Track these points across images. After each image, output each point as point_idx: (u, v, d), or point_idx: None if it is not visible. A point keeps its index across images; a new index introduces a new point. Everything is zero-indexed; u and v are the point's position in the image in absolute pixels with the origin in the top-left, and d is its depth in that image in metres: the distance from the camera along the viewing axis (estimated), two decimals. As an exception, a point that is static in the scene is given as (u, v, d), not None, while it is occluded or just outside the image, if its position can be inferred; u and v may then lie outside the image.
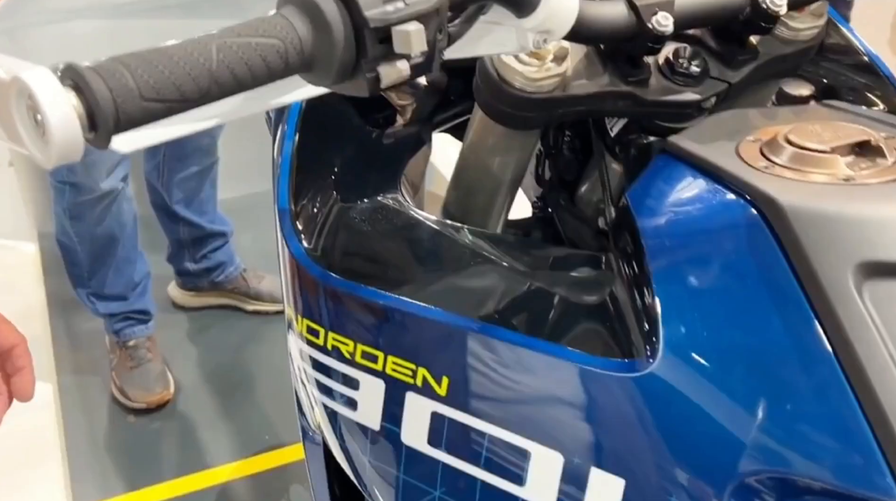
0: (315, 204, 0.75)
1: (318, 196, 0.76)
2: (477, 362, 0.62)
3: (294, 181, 0.76)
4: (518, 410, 0.60)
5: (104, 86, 0.42)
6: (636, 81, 0.68)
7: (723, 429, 0.54)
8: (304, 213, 0.74)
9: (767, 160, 0.59)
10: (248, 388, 2.04)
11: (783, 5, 0.66)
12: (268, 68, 0.48)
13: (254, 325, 2.22)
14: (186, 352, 2.15)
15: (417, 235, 0.72)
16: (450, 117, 0.90)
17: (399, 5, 0.49)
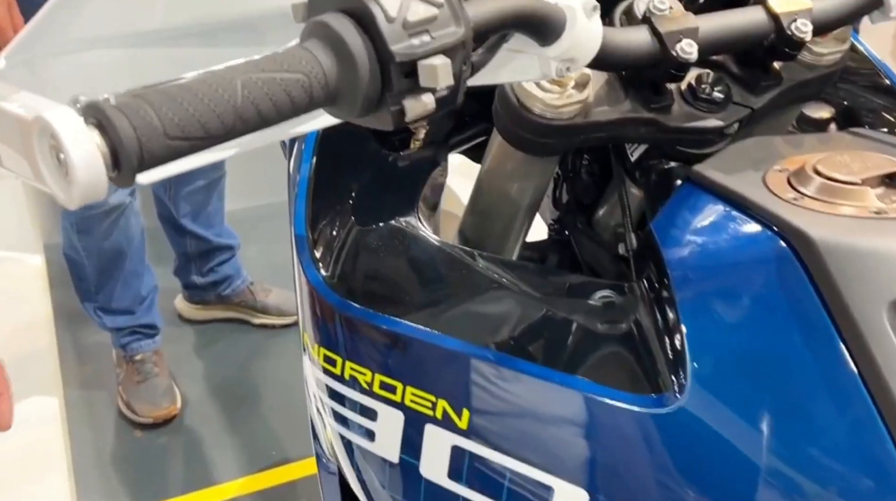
0: (332, 229, 0.74)
1: (336, 221, 0.75)
2: (499, 394, 0.61)
3: (311, 206, 0.75)
4: (541, 445, 0.59)
5: (128, 125, 0.41)
6: (658, 108, 0.67)
7: (753, 466, 0.53)
8: (322, 240, 0.73)
9: (795, 191, 0.58)
10: (255, 403, 2.03)
11: (808, 32, 0.65)
12: (292, 103, 0.47)
13: (261, 339, 2.21)
14: (193, 366, 2.14)
15: (436, 262, 0.71)
16: (465, 139, 0.89)
17: (425, 39, 0.49)
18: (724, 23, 0.66)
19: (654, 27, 0.63)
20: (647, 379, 0.59)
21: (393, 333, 0.65)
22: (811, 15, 0.66)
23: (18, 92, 0.44)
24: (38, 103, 0.42)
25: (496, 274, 0.69)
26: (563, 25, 0.57)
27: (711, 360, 0.55)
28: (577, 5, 0.57)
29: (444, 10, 0.50)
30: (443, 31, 0.49)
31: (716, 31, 0.65)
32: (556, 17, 0.57)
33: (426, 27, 0.49)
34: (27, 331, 2.21)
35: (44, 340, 2.19)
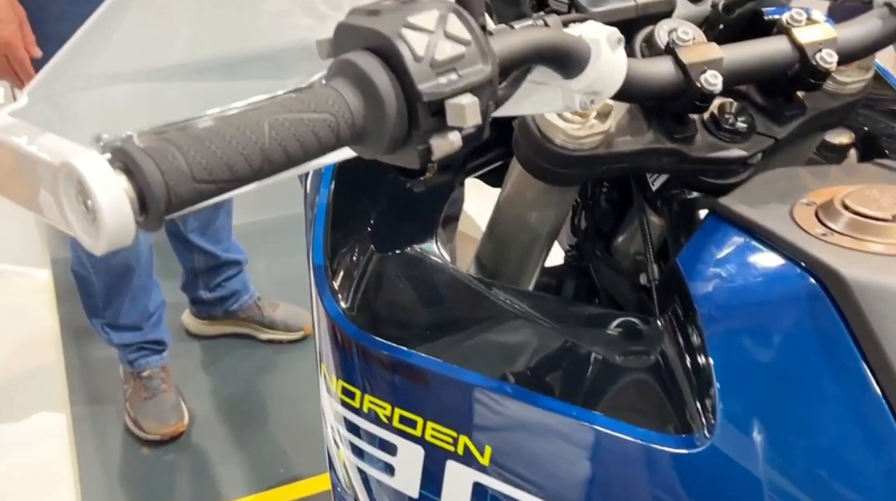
0: (351, 258, 0.74)
1: (354, 250, 0.75)
2: (522, 431, 0.60)
3: (329, 236, 0.74)
4: (566, 484, 0.58)
5: (155, 169, 0.41)
6: (681, 138, 0.67)
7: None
8: (340, 269, 0.73)
9: (824, 226, 0.57)
10: (262, 419, 2.02)
11: (834, 62, 0.65)
12: (319, 143, 0.46)
13: (268, 354, 2.20)
14: (200, 382, 2.13)
15: (456, 294, 0.71)
16: (482, 164, 0.88)
17: (452, 77, 0.48)
18: (749, 53, 0.65)
19: (677, 58, 0.63)
20: (674, 416, 0.58)
21: (413, 366, 0.65)
22: (836, 45, 0.65)
23: (43, 134, 0.43)
24: (65, 147, 0.41)
25: (516, 306, 0.68)
26: (587, 58, 0.56)
27: (742, 400, 0.54)
28: (601, 38, 0.56)
29: (472, 48, 0.49)
30: (470, 68, 0.49)
31: (740, 62, 0.64)
32: (581, 51, 0.56)
33: (453, 65, 0.48)
34: (34, 347, 2.21)
35: (51, 355, 2.18)
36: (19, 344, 2.21)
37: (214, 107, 0.59)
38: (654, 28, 0.72)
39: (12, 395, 2.07)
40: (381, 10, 0.49)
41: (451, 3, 0.50)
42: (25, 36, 1.43)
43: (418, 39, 0.47)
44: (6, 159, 0.45)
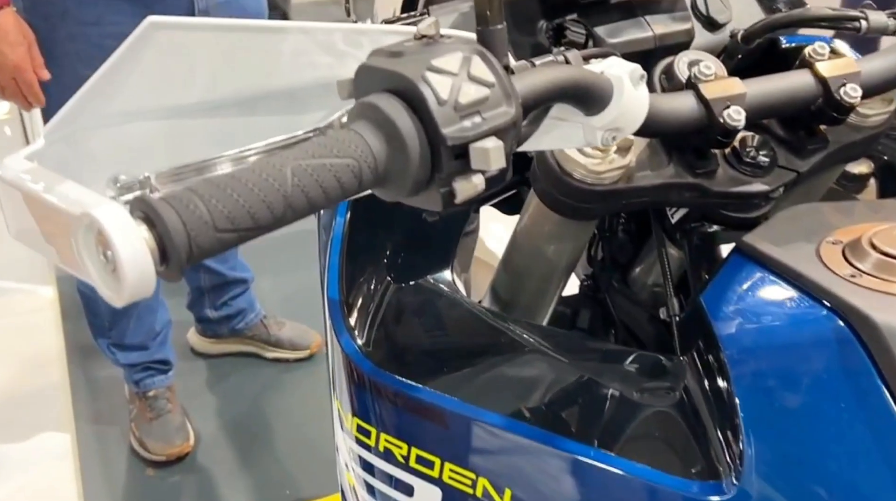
0: (366, 290, 0.73)
1: (370, 281, 0.74)
2: (543, 475, 0.59)
3: (345, 267, 0.73)
4: (589, 529, 0.57)
5: (177, 219, 0.40)
6: (703, 173, 0.66)
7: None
8: (355, 303, 0.72)
9: (852, 267, 0.56)
10: (269, 439, 2.01)
11: (858, 97, 0.64)
12: (342, 188, 0.45)
13: (274, 373, 2.19)
14: (206, 401, 2.12)
15: (473, 329, 0.70)
16: (497, 192, 0.87)
17: (476, 120, 0.47)
18: (772, 87, 0.64)
19: (699, 93, 0.62)
20: (698, 458, 0.57)
21: (431, 406, 0.63)
22: (860, 78, 0.65)
23: (63, 181, 0.42)
24: (85, 196, 0.41)
25: (533, 342, 0.67)
26: (609, 95, 0.55)
27: (771, 445, 0.53)
28: (624, 75, 0.56)
29: (496, 90, 0.48)
30: (494, 111, 0.48)
31: (763, 97, 0.64)
32: (604, 88, 0.55)
33: (477, 108, 0.47)
34: (39, 365, 2.20)
35: (55, 375, 2.17)
36: (24, 362, 2.20)
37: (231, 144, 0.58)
38: (673, 60, 0.71)
39: (17, 414, 2.05)
40: (404, 52, 0.48)
41: (474, 44, 0.50)
42: (34, 58, 1.43)
43: (442, 82, 0.46)
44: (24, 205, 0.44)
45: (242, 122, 0.58)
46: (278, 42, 0.54)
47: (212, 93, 0.54)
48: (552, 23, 0.74)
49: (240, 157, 0.52)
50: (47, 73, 1.46)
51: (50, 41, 1.47)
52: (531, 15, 0.74)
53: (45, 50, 1.46)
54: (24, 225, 0.45)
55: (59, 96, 1.50)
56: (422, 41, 0.49)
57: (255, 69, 0.54)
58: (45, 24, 1.46)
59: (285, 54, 0.54)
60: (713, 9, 0.79)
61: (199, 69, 0.53)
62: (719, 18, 0.79)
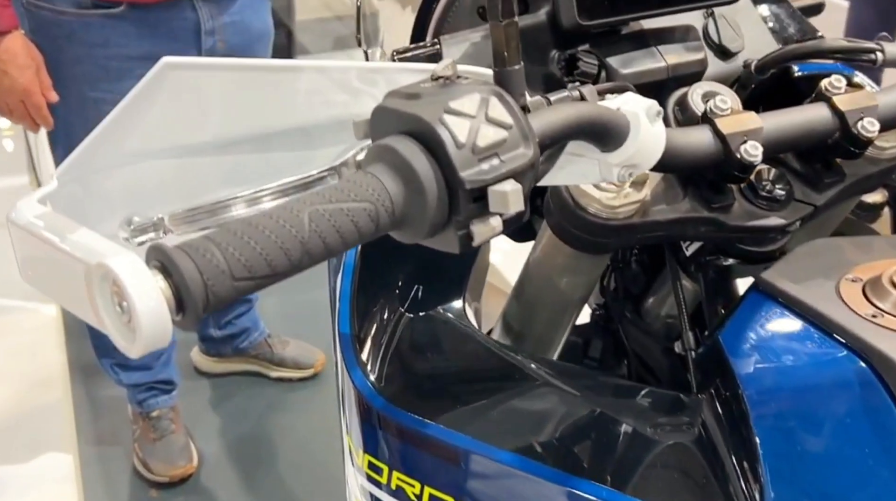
0: (378, 324, 0.72)
1: (382, 314, 0.73)
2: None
3: (356, 301, 0.72)
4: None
5: (194, 268, 0.39)
6: (719, 207, 0.65)
7: None
8: (367, 337, 0.71)
9: (873, 306, 0.55)
10: (273, 460, 1.99)
11: (875, 131, 0.63)
12: (359, 233, 0.45)
13: (278, 392, 2.18)
14: (210, 421, 2.11)
15: (485, 363, 0.69)
16: None
17: (494, 163, 0.46)
18: (789, 121, 0.64)
19: (716, 128, 0.61)
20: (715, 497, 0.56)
21: (444, 443, 0.63)
22: (877, 112, 0.64)
23: (78, 229, 0.42)
24: (100, 245, 0.40)
25: (546, 377, 0.66)
26: (626, 132, 0.55)
27: (792, 488, 0.52)
28: (640, 111, 0.55)
29: (514, 131, 0.48)
30: (512, 153, 0.47)
31: (780, 131, 0.63)
32: (620, 125, 0.55)
33: (496, 150, 0.47)
34: (41, 385, 2.19)
35: (59, 393, 2.16)
36: (27, 382, 2.19)
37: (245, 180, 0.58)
38: (687, 91, 0.71)
39: (19, 435, 2.04)
40: (421, 94, 0.48)
41: (491, 84, 0.49)
42: (42, 81, 1.43)
43: (460, 125, 0.46)
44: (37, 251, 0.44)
45: (256, 159, 0.58)
46: (293, 81, 0.53)
47: (226, 131, 0.54)
48: (564, 53, 0.73)
49: (254, 198, 0.52)
50: (55, 95, 1.46)
51: (56, 63, 1.47)
52: (543, 45, 0.74)
53: (51, 71, 1.46)
54: (37, 270, 0.45)
55: (64, 117, 1.51)
56: (438, 82, 0.49)
57: (270, 107, 0.54)
58: (51, 45, 1.46)
59: (300, 93, 0.54)
60: (725, 37, 0.79)
61: (213, 108, 0.52)
62: (732, 47, 0.79)
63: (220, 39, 1.57)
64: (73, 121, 1.52)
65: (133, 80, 1.66)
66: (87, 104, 1.50)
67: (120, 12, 1.44)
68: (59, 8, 1.43)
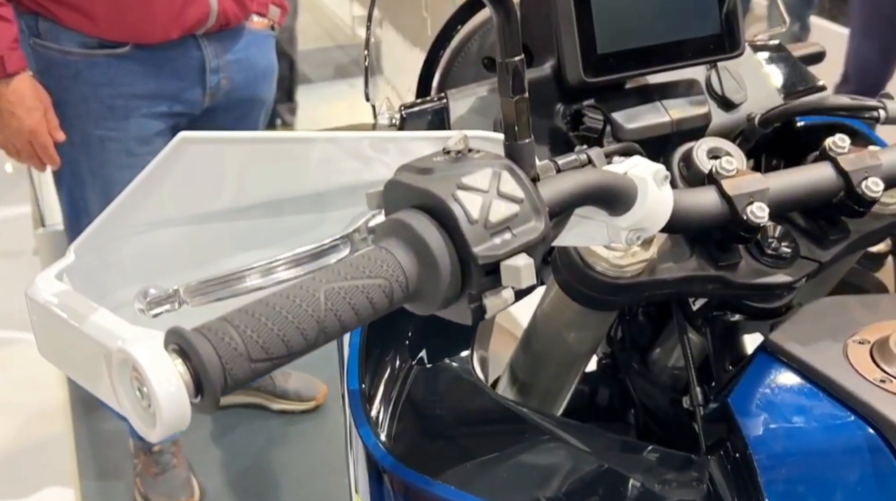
0: (388, 378, 0.72)
1: (391, 367, 0.73)
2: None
3: (364, 356, 0.73)
4: None
5: (212, 352, 0.40)
6: (726, 265, 0.66)
7: None
8: (376, 393, 0.71)
9: (881, 370, 0.56)
10: (275, 494, 1.98)
11: (880, 191, 0.64)
12: (373, 309, 0.45)
13: (280, 425, 2.17)
14: (211, 454, 2.10)
15: (495, 421, 0.69)
16: None
17: (507, 237, 0.47)
18: (794, 181, 0.64)
19: (722, 189, 0.62)
20: None
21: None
22: (881, 171, 0.65)
23: (97, 310, 0.42)
24: (120, 329, 0.40)
25: (556, 435, 0.66)
26: (634, 197, 0.55)
27: (802, 556, 0.52)
28: (648, 176, 0.56)
29: (525, 205, 0.48)
30: (524, 226, 0.48)
31: (785, 191, 0.64)
32: (628, 189, 0.55)
33: (507, 224, 0.47)
34: (42, 418, 2.18)
35: (60, 427, 2.16)
36: (28, 415, 2.19)
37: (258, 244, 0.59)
38: (692, 147, 0.72)
39: (21, 468, 2.03)
40: (434, 169, 0.48)
41: (503, 159, 0.50)
42: (50, 121, 1.44)
43: (472, 200, 0.47)
44: (56, 329, 0.44)
45: (269, 222, 0.58)
46: (306, 151, 0.54)
47: (240, 199, 0.55)
48: (570, 108, 0.74)
49: (268, 268, 0.52)
50: (62, 134, 1.47)
51: (62, 102, 1.48)
52: (549, 98, 0.74)
53: (56, 110, 1.47)
54: (55, 348, 0.45)
55: (70, 155, 1.52)
56: (450, 156, 0.49)
57: (283, 176, 0.55)
58: (57, 85, 1.47)
59: (313, 162, 0.54)
60: (728, 89, 0.80)
61: (227, 178, 0.53)
62: (735, 98, 0.80)
63: (224, 77, 1.58)
64: (78, 159, 1.52)
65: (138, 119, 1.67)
66: (91, 142, 1.51)
67: (125, 52, 1.46)
68: (66, 48, 1.45)
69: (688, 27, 0.73)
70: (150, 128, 1.52)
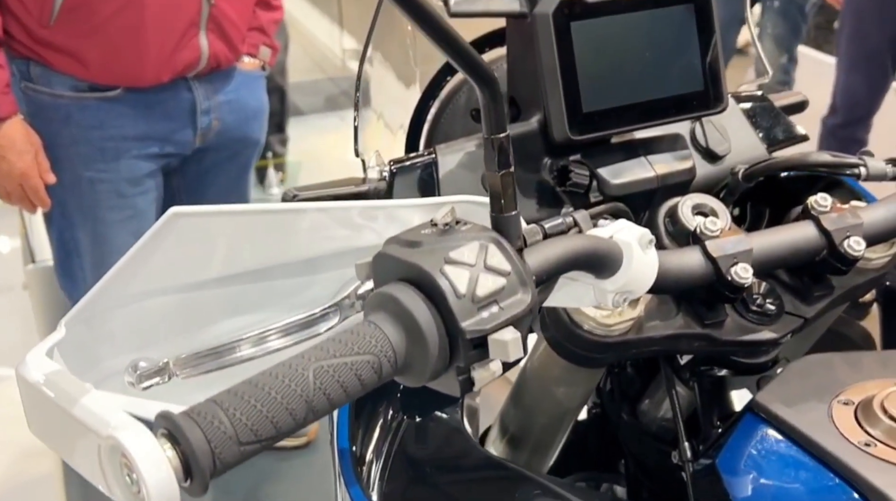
0: (378, 435, 0.72)
1: (382, 421, 0.73)
2: None
3: (355, 408, 0.73)
4: None
5: (201, 437, 0.40)
6: (712, 323, 0.66)
7: None
8: (367, 450, 0.71)
9: (866, 433, 0.56)
10: (267, 533, 1.97)
11: (862, 250, 0.65)
12: (362, 385, 0.46)
13: (271, 462, 2.16)
14: (202, 492, 2.08)
15: (485, 480, 0.69)
16: None
17: (494, 310, 0.48)
18: (777, 241, 0.65)
19: (706, 250, 0.63)
20: None
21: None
22: (863, 230, 0.66)
23: (88, 392, 0.43)
24: (110, 415, 0.41)
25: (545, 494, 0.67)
26: (619, 261, 0.56)
27: None
28: (633, 240, 0.57)
29: (512, 278, 0.49)
30: (511, 299, 0.48)
31: (769, 251, 0.64)
32: (614, 254, 0.56)
33: (495, 298, 0.48)
34: (33, 456, 2.16)
35: (50, 465, 2.13)
36: (17, 453, 2.17)
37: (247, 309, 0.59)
38: (678, 203, 0.73)
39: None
40: (422, 242, 0.49)
41: (489, 231, 0.51)
42: (41, 164, 1.45)
43: (460, 275, 0.47)
44: (46, 409, 0.44)
45: (259, 288, 0.59)
46: (296, 220, 0.55)
47: (230, 268, 0.55)
48: (557, 163, 0.75)
49: (258, 338, 0.53)
50: (53, 177, 1.47)
51: (52, 144, 1.48)
52: (536, 152, 0.75)
53: (47, 152, 1.48)
54: (45, 425, 0.45)
55: (60, 197, 1.52)
56: (438, 229, 0.50)
57: (273, 245, 0.55)
58: (48, 128, 1.48)
59: (303, 231, 0.55)
60: (712, 141, 0.81)
61: (218, 249, 0.54)
62: (719, 150, 0.81)
63: (215, 118, 1.59)
64: (68, 201, 1.53)
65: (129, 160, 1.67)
66: (82, 184, 1.51)
67: (116, 95, 1.47)
68: (57, 92, 1.46)
69: (672, 84, 0.74)
70: (141, 169, 1.53)
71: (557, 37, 0.69)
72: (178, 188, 1.67)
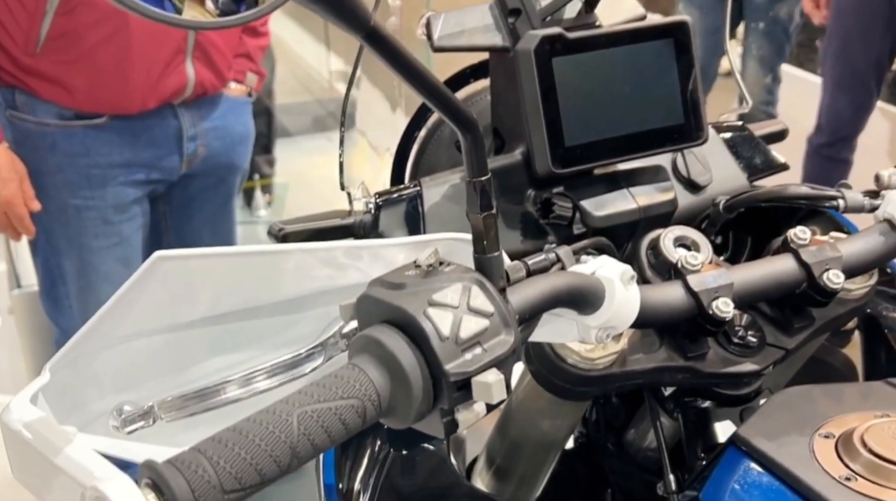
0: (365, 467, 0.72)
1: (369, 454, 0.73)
2: None
3: (340, 446, 0.73)
4: None
5: (185, 486, 0.40)
6: (694, 356, 0.67)
7: None
8: (353, 486, 0.71)
9: (846, 468, 0.57)
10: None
11: (841, 282, 0.66)
12: (346, 429, 0.46)
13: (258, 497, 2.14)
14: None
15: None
16: None
17: (477, 352, 0.48)
18: (758, 275, 0.66)
19: (688, 285, 0.64)
20: None
21: None
22: (842, 263, 0.67)
23: (73, 439, 0.43)
24: (94, 465, 0.41)
25: None
26: (602, 297, 0.57)
27: None
28: (615, 277, 0.57)
29: (495, 319, 0.49)
30: (494, 340, 0.49)
31: (749, 285, 0.65)
32: (596, 290, 0.57)
33: (478, 339, 0.48)
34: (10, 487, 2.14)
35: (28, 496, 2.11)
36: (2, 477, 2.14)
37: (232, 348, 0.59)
38: (660, 234, 0.73)
39: (-8, 537, 1.99)
40: (405, 284, 0.49)
41: (472, 273, 0.51)
42: (25, 191, 1.44)
43: (443, 317, 0.48)
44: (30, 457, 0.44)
45: (243, 327, 0.59)
46: (281, 261, 0.55)
47: (215, 308, 0.55)
48: (540, 195, 0.76)
49: (243, 380, 0.53)
50: (38, 204, 1.47)
51: (38, 172, 1.48)
52: (519, 184, 0.76)
53: (32, 179, 1.48)
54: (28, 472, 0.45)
55: (46, 224, 1.52)
56: (421, 270, 0.50)
57: (258, 286, 0.56)
58: (33, 155, 1.47)
59: (287, 271, 0.55)
60: (694, 172, 0.82)
61: (203, 291, 0.54)
62: (700, 181, 0.82)
63: (201, 144, 1.59)
64: (53, 228, 1.52)
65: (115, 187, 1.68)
66: (68, 211, 1.51)
67: (102, 123, 1.47)
68: (43, 120, 1.46)
69: (652, 118, 0.75)
70: (127, 195, 1.53)
71: (539, 73, 0.70)
72: (163, 214, 1.67)
